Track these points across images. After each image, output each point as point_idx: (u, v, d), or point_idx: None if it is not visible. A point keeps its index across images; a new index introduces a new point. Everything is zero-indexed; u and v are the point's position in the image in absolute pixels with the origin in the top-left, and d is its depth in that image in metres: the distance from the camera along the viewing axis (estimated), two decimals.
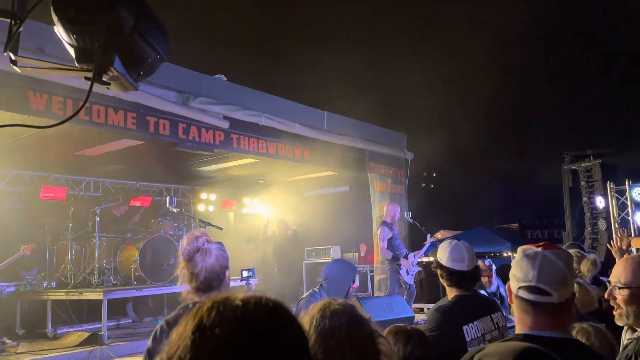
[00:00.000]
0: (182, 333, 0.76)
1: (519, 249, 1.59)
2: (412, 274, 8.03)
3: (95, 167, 9.14)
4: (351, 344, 1.59)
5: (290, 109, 8.94)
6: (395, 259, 7.99)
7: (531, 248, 1.57)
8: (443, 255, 2.76)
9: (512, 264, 1.55)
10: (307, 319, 1.69)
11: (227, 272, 2.10)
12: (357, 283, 4.06)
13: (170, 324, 1.97)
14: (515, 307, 1.54)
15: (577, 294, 2.70)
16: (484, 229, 13.37)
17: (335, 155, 9.72)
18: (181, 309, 2.02)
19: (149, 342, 1.99)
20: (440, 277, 2.80)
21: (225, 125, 7.82)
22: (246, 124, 8.14)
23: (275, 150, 8.88)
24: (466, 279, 2.72)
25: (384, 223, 8.19)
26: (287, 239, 8.91)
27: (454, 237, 3.04)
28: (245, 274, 4.24)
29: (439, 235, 12.02)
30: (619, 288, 1.85)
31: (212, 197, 11.25)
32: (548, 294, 1.46)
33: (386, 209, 8.42)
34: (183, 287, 2.13)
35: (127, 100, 6.56)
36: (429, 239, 8.35)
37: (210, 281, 2.02)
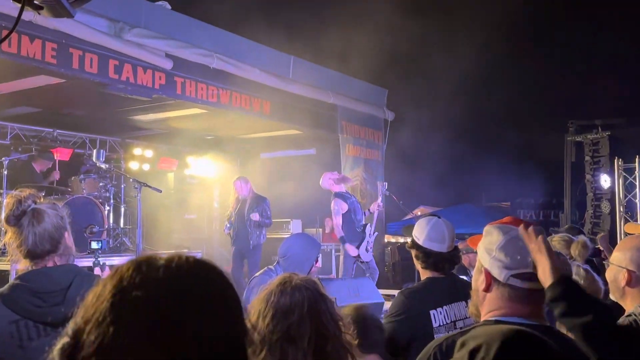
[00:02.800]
0: (99, 295, 0.80)
1: (491, 228, 1.69)
2: (370, 249, 8.09)
3: (1, 108, 8.96)
4: (313, 323, 1.73)
5: (250, 50, 8.88)
6: (342, 241, 8.00)
7: (510, 228, 1.68)
8: (420, 233, 2.89)
9: (494, 247, 1.64)
10: (264, 294, 1.82)
11: (65, 234, 2.19)
12: (319, 263, 4.18)
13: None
14: (495, 296, 1.64)
15: (583, 282, 2.98)
16: (471, 206, 13.85)
17: (301, 110, 9.75)
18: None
19: None
20: (415, 259, 2.94)
21: (168, 65, 7.74)
22: (194, 66, 8.07)
23: (229, 99, 8.85)
24: (444, 261, 2.87)
25: (337, 195, 8.14)
26: (251, 204, 8.71)
27: (432, 214, 3.20)
28: (94, 245, 4.05)
29: (418, 212, 12.27)
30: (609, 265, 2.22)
31: (148, 153, 11.18)
32: None
33: (328, 179, 8.27)
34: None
35: (46, 27, 6.40)
36: (382, 191, 8.42)
37: (43, 247, 2.10)
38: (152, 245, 9.92)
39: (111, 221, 9.62)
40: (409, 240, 3.03)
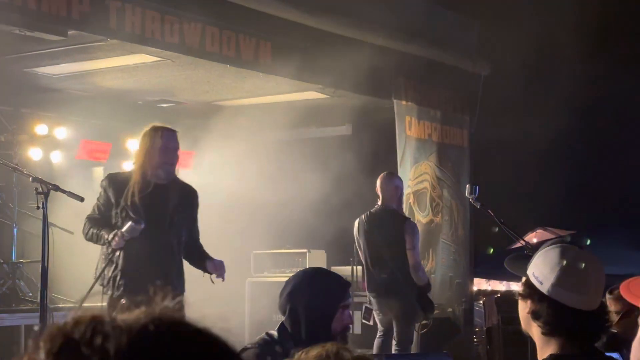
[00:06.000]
0: None
1: None
2: None
3: None
4: None
5: None
6: (429, 289, 9.14)
7: None
8: (546, 272, 2.95)
9: None
10: None
11: None
12: (349, 316, 4.42)
13: None
14: None
15: None
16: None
17: (327, 58, 9.91)
18: None
19: None
20: (530, 316, 2.97)
21: None
22: None
23: (200, 39, 9.14)
24: (588, 327, 2.94)
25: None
26: (177, 198, 7.41)
27: (562, 240, 3.30)
28: None
29: (533, 237, 12.04)
30: None
31: (60, 132, 11.40)
32: None
33: (399, 187, 9.19)
34: None
35: None
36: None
37: None
38: (67, 294, 9.93)
39: None
40: (519, 284, 3.11)
